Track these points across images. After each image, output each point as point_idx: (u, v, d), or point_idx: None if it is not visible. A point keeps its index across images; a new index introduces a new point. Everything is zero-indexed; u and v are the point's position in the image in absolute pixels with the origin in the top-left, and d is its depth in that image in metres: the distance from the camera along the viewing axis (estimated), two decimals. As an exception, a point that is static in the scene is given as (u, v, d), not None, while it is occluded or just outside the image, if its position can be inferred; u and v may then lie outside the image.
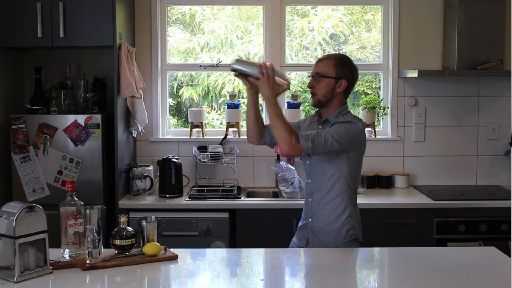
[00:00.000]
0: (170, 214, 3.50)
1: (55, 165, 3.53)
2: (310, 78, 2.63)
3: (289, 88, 2.59)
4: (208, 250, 2.58)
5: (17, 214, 2.01)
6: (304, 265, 2.41)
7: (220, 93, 4.58)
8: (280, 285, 2.13)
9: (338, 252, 2.51)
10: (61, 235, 2.24)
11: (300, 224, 2.74)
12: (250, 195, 3.84)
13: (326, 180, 2.58)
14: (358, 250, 2.53)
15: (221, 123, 4.43)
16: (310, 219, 2.65)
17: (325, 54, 2.69)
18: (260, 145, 2.79)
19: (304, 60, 4.33)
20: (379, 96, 4.18)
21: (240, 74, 2.54)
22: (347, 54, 4.31)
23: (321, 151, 2.48)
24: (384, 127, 4.20)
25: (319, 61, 2.63)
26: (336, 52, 2.78)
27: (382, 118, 4.18)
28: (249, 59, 2.62)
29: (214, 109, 4.60)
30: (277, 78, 2.48)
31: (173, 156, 3.83)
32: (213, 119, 4.50)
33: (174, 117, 4.42)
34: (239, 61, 2.56)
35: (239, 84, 4.49)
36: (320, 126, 2.62)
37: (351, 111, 2.65)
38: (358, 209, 2.68)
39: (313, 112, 2.92)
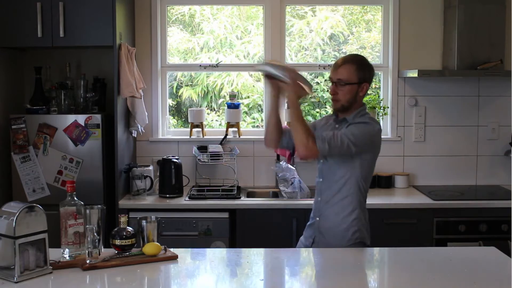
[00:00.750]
0: (170, 214, 3.50)
1: (55, 165, 3.52)
2: (329, 84, 2.63)
3: (311, 92, 2.59)
4: (208, 250, 2.58)
5: (17, 214, 2.01)
6: (304, 265, 2.41)
7: (219, 94, 4.58)
8: (280, 285, 2.13)
9: (338, 252, 2.51)
10: (61, 235, 2.23)
11: (308, 222, 2.75)
12: (250, 195, 3.84)
13: (336, 180, 2.58)
14: (358, 250, 2.53)
15: (220, 124, 4.43)
16: (317, 218, 2.65)
17: (342, 57, 2.66)
18: (278, 149, 2.82)
19: (304, 61, 4.33)
20: (379, 96, 4.18)
21: (269, 76, 2.56)
22: (346, 55, 4.33)
23: (337, 153, 2.50)
24: (384, 127, 4.19)
25: (339, 66, 2.58)
26: (357, 54, 2.76)
27: (382, 118, 4.18)
28: (274, 62, 2.64)
29: (214, 110, 4.59)
30: (300, 83, 2.50)
31: (173, 156, 3.83)
32: (212, 120, 4.50)
33: (174, 117, 4.42)
34: (268, 64, 2.58)
35: (237, 85, 4.50)
36: (337, 126, 2.62)
37: (370, 113, 2.67)
38: (367, 213, 2.67)
39: (312, 113, 2.92)
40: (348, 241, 2.55)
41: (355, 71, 2.56)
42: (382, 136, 4.05)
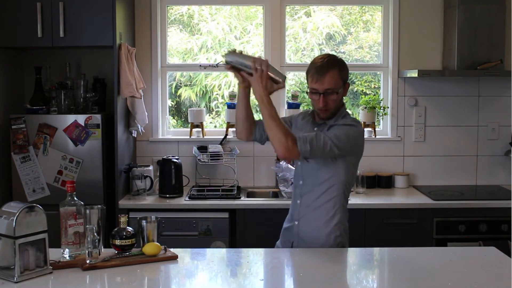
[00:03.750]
0: (170, 214, 3.51)
1: (55, 165, 3.53)
2: (310, 95, 2.47)
3: (284, 87, 2.44)
4: (208, 250, 2.58)
5: (17, 214, 2.01)
6: (304, 265, 2.41)
7: (213, 96, 4.57)
8: (280, 285, 2.13)
9: (338, 252, 2.51)
10: (61, 235, 2.23)
11: (285, 226, 2.66)
12: (250, 195, 3.84)
13: (319, 184, 2.49)
14: (358, 250, 2.53)
15: (215, 127, 4.41)
16: (296, 222, 2.57)
17: (319, 64, 2.44)
18: (250, 141, 2.67)
19: (302, 61, 4.32)
20: (379, 96, 4.18)
21: (232, 67, 2.41)
22: (345, 54, 4.34)
23: (319, 155, 2.38)
24: (384, 127, 4.20)
25: (324, 75, 2.41)
26: (330, 54, 2.56)
27: (382, 118, 4.18)
28: (242, 52, 2.45)
29: (211, 111, 4.57)
30: (271, 75, 2.35)
31: (173, 156, 3.83)
32: (209, 123, 4.46)
33: (174, 117, 4.42)
34: (232, 53, 2.40)
35: (234, 86, 4.49)
36: (315, 128, 2.52)
37: (349, 112, 2.59)
38: (348, 216, 2.59)
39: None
40: (330, 246, 2.49)
41: (339, 75, 2.43)
42: (382, 136, 4.14)
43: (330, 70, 2.42)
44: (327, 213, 2.49)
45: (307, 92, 2.53)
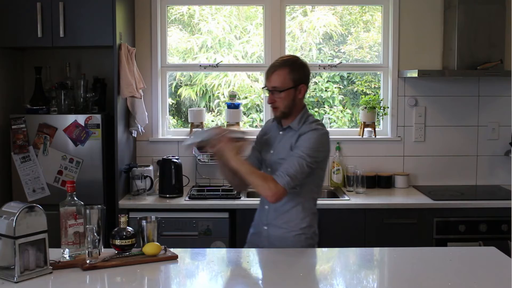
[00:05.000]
0: (170, 214, 3.50)
1: (55, 165, 3.52)
2: (265, 92, 2.52)
3: (247, 140, 2.50)
4: (208, 250, 2.58)
5: (17, 214, 2.01)
6: (304, 265, 2.40)
7: (214, 95, 4.57)
8: (280, 285, 2.13)
9: (337, 252, 2.51)
10: (61, 235, 2.23)
11: (252, 231, 2.68)
12: (250, 195, 3.83)
13: None
14: (358, 250, 2.53)
15: (216, 125, 4.42)
16: (265, 227, 2.59)
17: (273, 63, 2.53)
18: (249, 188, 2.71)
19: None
20: (379, 96, 4.18)
21: (200, 147, 2.49)
22: (346, 55, 4.34)
23: (301, 178, 2.41)
24: (384, 127, 4.20)
25: (271, 73, 2.48)
26: (291, 56, 2.60)
27: (382, 118, 4.18)
28: (198, 129, 2.54)
29: (212, 110, 4.58)
30: (233, 137, 2.43)
31: (173, 156, 3.83)
32: (212, 121, 4.48)
33: (174, 117, 4.42)
34: (192, 135, 2.54)
35: (235, 85, 4.50)
36: (280, 132, 2.57)
37: (312, 115, 2.60)
38: (317, 217, 2.61)
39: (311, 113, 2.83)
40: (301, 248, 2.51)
41: (288, 75, 2.46)
42: (382, 136, 4.14)
43: (279, 69, 2.48)
44: (297, 216, 2.52)
45: (262, 88, 2.58)
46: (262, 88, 2.61)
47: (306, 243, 2.53)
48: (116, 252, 2.29)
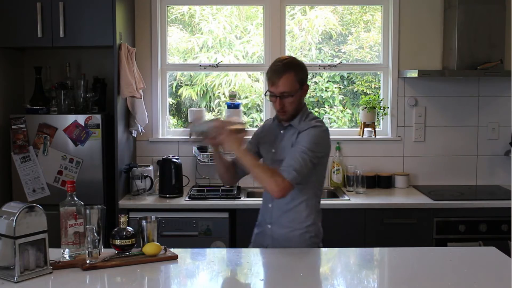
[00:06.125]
0: (170, 214, 3.50)
1: (55, 165, 3.53)
2: (269, 98, 2.51)
3: (246, 131, 2.48)
4: (208, 250, 2.58)
5: (17, 214, 2.01)
6: (304, 265, 2.40)
7: (214, 95, 4.57)
8: (280, 285, 2.13)
9: (337, 253, 2.51)
10: (61, 235, 2.24)
11: (256, 231, 2.68)
12: (250, 195, 3.84)
13: None
14: (358, 250, 2.53)
15: (215, 117, 4.42)
16: (269, 226, 2.59)
17: (275, 67, 2.48)
18: (237, 182, 2.80)
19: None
20: (379, 96, 4.18)
21: (201, 136, 2.47)
22: (346, 55, 4.34)
23: (306, 172, 2.41)
24: (384, 127, 4.20)
25: (278, 79, 2.44)
26: (289, 57, 2.57)
27: (382, 118, 4.18)
28: (198, 118, 2.52)
29: (212, 110, 4.58)
30: (234, 128, 2.41)
31: (173, 156, 3.83)
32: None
33: (174, 117, 4.42)
34: (193, 124, 2.53)
35: (235, 85, 4.49)
36: (281, 131, 2.57)
37: (311, 112, 2.61)
38: (321, 215, 2.62)
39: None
40: (306, 247, 2.51)
41: (295, 78, 2.45)
42: (382, 136, 4.14)
43: (285, 74, 2.45)
44: (301, 214, 2.52)
45: (265, 94, 2.59)
46: (265, 94, 2.57)
47: (310, 242, 2.53)
48: (116, 252, 2.29)
